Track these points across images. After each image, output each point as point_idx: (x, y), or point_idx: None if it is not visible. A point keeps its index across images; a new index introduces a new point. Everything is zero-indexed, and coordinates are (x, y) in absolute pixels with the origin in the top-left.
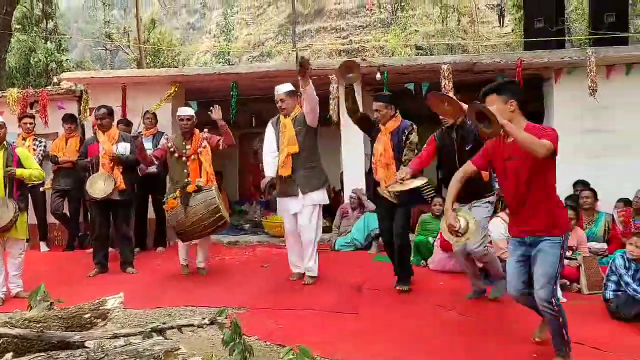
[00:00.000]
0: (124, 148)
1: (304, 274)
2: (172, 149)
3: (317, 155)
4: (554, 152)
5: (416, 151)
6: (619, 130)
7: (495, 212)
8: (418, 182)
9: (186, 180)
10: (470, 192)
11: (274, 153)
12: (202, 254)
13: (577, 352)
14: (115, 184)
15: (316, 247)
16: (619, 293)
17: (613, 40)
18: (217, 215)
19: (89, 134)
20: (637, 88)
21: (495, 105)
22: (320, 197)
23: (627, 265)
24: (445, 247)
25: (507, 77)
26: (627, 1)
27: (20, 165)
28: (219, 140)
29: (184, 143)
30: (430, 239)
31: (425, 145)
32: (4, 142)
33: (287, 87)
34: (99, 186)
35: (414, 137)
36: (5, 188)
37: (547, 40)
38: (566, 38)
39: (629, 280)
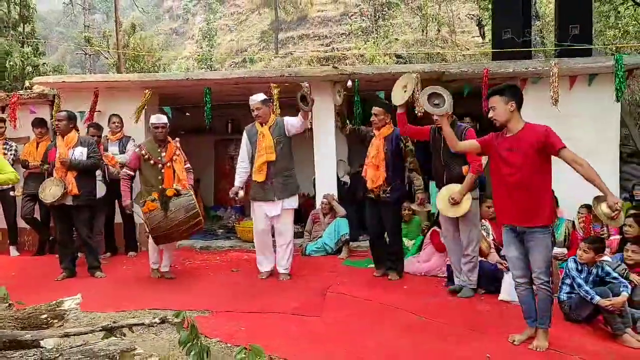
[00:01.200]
0: (80, 153)
1: (271, 272)
2: (146, 156)
3: (292, 163)
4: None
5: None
6: (581, 139)
7: None
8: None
9: (161, 187)
10: (450, 181)
11: (245, 163)
12: (168, 258)
13: (531, 352)
14: (64, 188)
15: (293, 247)
16: (573, 295)
17: (578, 51)
18: (196, 220)
19: None
20: (599, 98)
21: (497, 105)
22: (295, 202)
23: (579, 268)
24: (441, 248)
25: (474, 86)
26: (591, 14)
27: None
28: (187, 165)
29: (159, 150)
30: (405, 241)
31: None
32: None
33: (261, 95)
34: (49, 191)
35: (410, 144)
36: None
37: (515, 51)
38: (532, 49)
39: (581, 282)
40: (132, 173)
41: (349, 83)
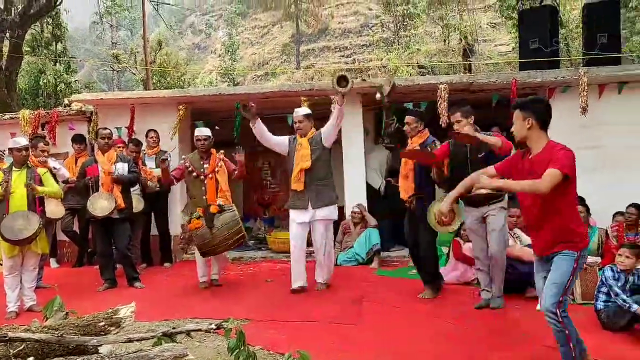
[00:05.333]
0: (122, 168)
1: (302, 288)
2: (189, 168)
3: (329, 173)
4: (566, 176)
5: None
6: (611, 147)
7: None
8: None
9: (204, 197)
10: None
11: (275, 139)
12: (218, 266)
13: None
14: (116, 203)
15: (332, 259)
16: (609, 304)
17: (606, 60)
18: (240, 235)
19: None
20: (629, 106)
21: (515, 120)
22: (330, 212)
23: (616, 276)
24: (460, 257)
25: (502, 96)
26: (619, 23)
27: (41, 184)
28: (234, 170)
29: (201, 162)
30: (443, 249)
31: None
32: (27, 162)
33: (305, 110)
34: (100, 205)
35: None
36: (28, 204)
37: (542, 60)
38: (560, 58)
39: (618, 291)
40: (174, 180)
41: (378, 95)
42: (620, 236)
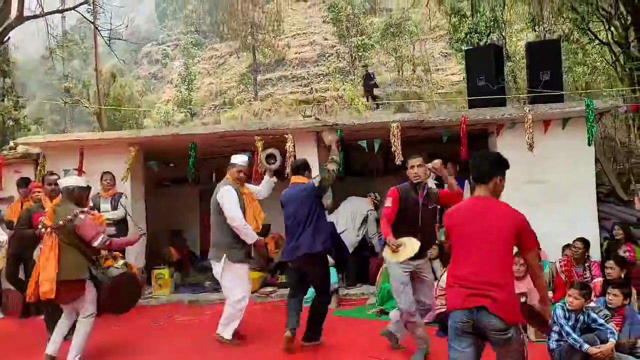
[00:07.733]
0: None
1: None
2: None
3: (218, 230)
4: None
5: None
6: (557, 181)
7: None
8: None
9: None
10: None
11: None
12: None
13: None
14: None
15: (230, 311)
16: (561, 342)
17: (550, 96)
18: None
19: None
20: (573, 141)
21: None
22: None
23: (567, 315)
24: None
25: (453, 133)
26: (561, 60)
27: None
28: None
29: None
30: None
31: (388, 201)
32: None
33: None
34: None
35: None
36: None
37: (490, 98)
38: (506, 97)
39: (569, 330)
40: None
41: (329, 137)
42: (569, 270)
